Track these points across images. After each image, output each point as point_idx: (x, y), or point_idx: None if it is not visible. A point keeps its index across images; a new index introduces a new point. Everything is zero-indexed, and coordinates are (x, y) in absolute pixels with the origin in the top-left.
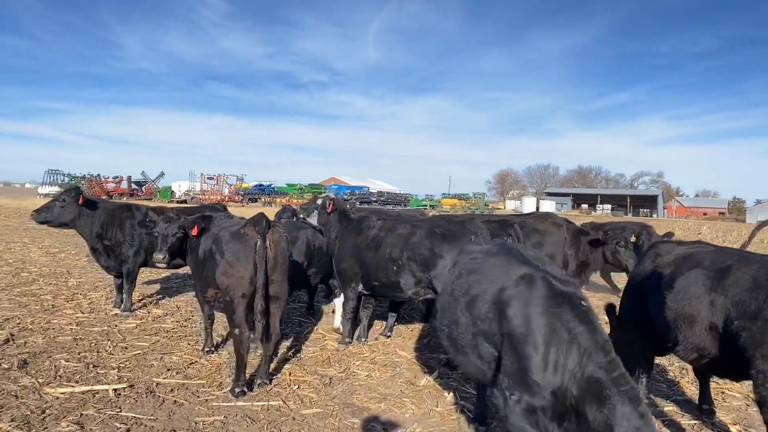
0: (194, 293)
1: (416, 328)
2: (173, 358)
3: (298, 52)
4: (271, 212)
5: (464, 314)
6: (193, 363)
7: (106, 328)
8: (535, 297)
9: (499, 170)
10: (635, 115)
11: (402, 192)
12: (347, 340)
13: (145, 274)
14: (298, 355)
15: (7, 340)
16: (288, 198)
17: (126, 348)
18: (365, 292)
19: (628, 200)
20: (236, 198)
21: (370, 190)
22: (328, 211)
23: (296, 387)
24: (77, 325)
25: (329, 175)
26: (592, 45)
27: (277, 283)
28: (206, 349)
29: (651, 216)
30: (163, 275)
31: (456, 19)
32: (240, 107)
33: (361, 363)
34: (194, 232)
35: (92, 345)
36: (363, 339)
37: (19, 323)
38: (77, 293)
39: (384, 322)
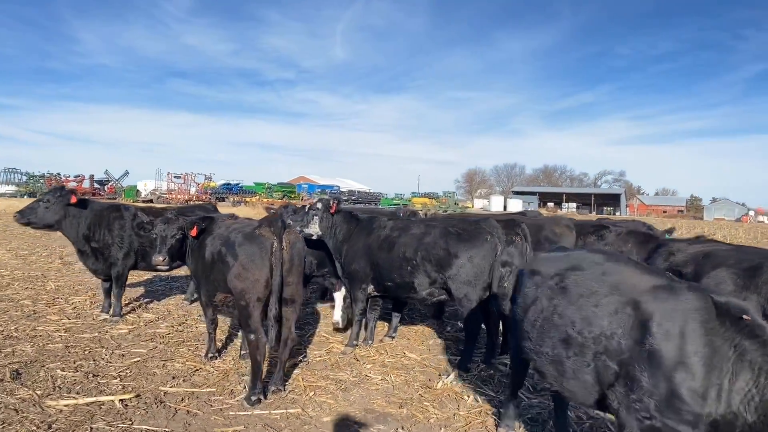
0: (184, 295)
1: (419, 329)
2: (175, 365)
3: (264, 49)
4: (242, 212)
5: (574, 332)
6: (197, 370)
7: (96, 334)
8: (686, 309)
9: (467, 169)
10: (598, 116)
11: (371, 191)
12: (354, 342)
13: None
14: (306, 359)
15: None
16: (258, 197)
17: (123, 355)
18: (375, 294)
19: (593, 199)
20: (204, 197)
21: (341, 189)
22: (332, 211)
23: (312, 393)
24: (65, 331)
25: (298, 173)
26: (556, 46)
27: (292, 285)
28: (210, 354)
29: (614, 214)
30: (145, 277)
31: (423, 18)
32: (205, 105)
33: (372, 366)
34: (193, 232)
35: (86, 353)
36: (369, 341)
37: (2, 331)
38: (57, 297)
39: (386, 324)
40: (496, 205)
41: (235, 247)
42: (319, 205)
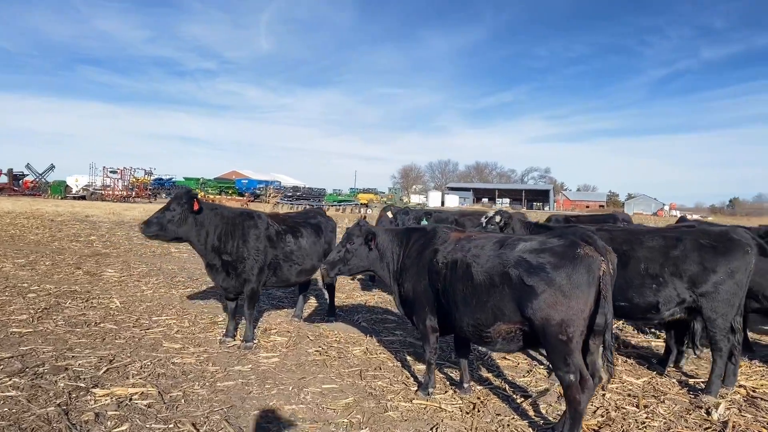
0: (293, 311)
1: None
2: (399, 403)
3: (184, 38)
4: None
5: None
6: (436, 410)
7: (249, 366)
8: None
9: (402, 165)
10: (518, 114)
11: (306, 186)
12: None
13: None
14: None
15: (160, 393)
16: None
17: (324, 394)
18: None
19: (524, 194)
20: (145, 193)
21: (282, 185)
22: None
23: None
24: (210, 363)
25: (228, 168)
26: (479, 46)
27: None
28: (429, 390)
29: (543, 209)
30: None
31: (350, 12)
32: (119, 94)
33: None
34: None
35: (272, 392)
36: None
37: (142, 368)
38: (141, 318)
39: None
40: (433, 200)
41: (548, 269)
42: (497, 218)
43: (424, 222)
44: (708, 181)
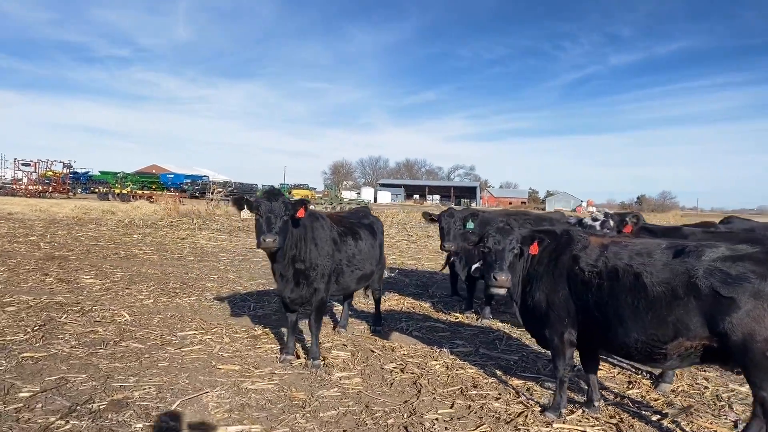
0: (339, 323)
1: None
2: (541, 428)
3: (94, 22)
4: (100, 205)
5: None
6: None
7: (337, 390)
8: None
9: (332, 161)
10: (442, 113)
11: (234, 181)
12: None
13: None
14: None
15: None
16: (108, 187)
17: (432, 420)
18: None
19: (452, 191)
20: (63, 188)
21: (211, 180)
22: None
23: None
24: (294, 389)
25: (147, 162)
26: (404, 43)
27: None
28: (561, 410)
29: (470, 205)
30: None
31: (273, 3)
32: (19, 80)
33: None
34: (533, 249)
35: (384, 421)
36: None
37: (219, 398)
38: (165, 333)
39: None
40: (366, 196)
41: (753, 280)
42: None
43: (470, 224)
44: (618, 179)
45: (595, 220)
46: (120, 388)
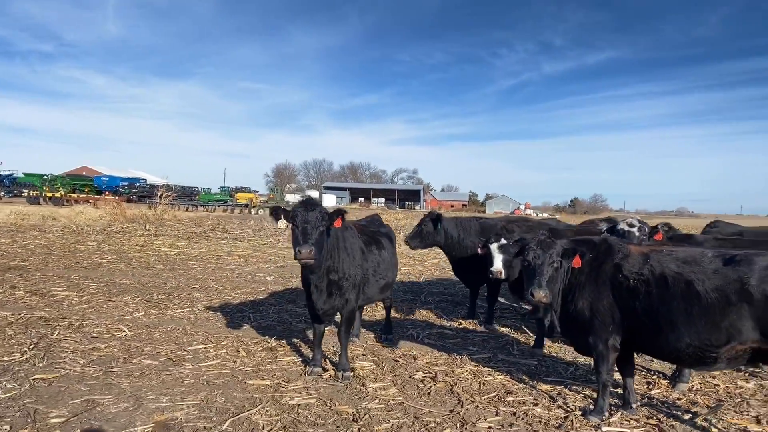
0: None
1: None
2: None
3: (13, 14)
4: (38, 210)
5: None
6: None
7: (378, 402)
8: None
9: (275, 164)
10: (382, 117)
11: (172, 184)
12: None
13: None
14: None
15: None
16: (36, 191)
17: (487, 430)
18: None
19: (397, 195)
20: None
21: (149, 182)
22: None
23: None
24: (336, 403)
25: (77, 164)
26: (345, 46)
27: None
28: (604, 413)
29: (415, 208)
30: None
31: (210, 1)
32: None
33: None
34: (576, 263)
35: None
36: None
37: (267, 417)
38: (176, 351)
39: None
40: None
41: None
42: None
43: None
44: (552, 182)
45: (631, 226)
46: (156, 409)
